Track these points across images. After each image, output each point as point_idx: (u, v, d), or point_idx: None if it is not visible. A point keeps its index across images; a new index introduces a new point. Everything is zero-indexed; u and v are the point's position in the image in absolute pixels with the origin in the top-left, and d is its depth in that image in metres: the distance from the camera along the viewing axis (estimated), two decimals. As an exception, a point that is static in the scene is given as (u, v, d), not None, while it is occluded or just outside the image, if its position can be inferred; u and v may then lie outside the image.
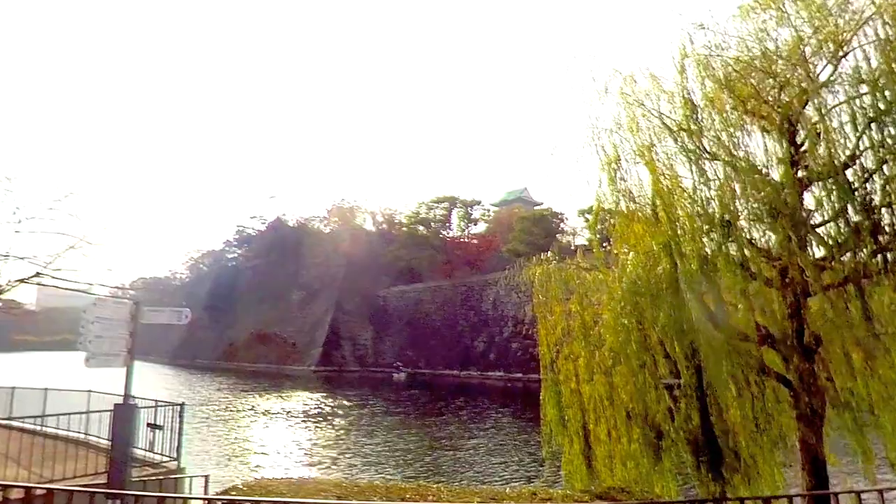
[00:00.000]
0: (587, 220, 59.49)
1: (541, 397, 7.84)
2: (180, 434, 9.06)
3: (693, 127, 6.39)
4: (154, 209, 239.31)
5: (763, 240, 5.62)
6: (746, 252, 5.50)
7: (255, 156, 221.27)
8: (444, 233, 76.07)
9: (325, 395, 41.70)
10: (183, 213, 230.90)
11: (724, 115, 6.23)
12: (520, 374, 51.21)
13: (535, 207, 75.30)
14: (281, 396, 40.42)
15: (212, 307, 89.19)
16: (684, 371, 6.05)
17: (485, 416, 30.67)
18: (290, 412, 31.90)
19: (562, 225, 67.03)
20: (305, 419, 29.52)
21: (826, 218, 5.52)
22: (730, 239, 5.71)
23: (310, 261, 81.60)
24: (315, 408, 34.21)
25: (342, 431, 25.63)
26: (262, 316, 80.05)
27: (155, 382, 47.33)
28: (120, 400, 7.01)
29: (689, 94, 6.40)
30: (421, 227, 73.94)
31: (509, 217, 70.45)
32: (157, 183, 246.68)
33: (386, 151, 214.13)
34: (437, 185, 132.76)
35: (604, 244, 8.42)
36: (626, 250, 7.04)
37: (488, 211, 79.13)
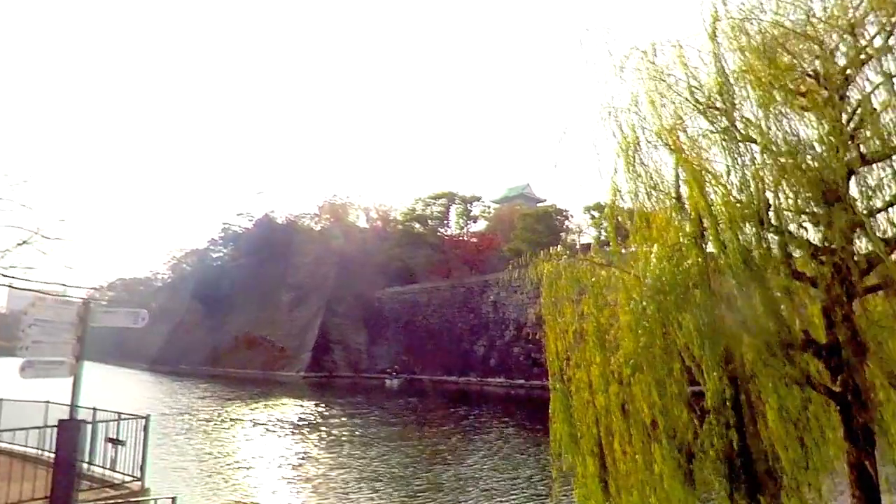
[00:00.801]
0: (593, 217, 59.14)
1: (550, 410, 7.34)
2: (145, 450, 8.55)
3: (726, 104, 5.91)
4: (135, 205, 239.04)
5: (814, 231, 5.13)
6: (793, 246, 5.01)
7: (242, 150, 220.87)
8: (442, 231, 75.66)
9: (315, 402, 41.23)
10: (166, 209, 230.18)
11: (762, 89, 5.73)
12: (522, 381, 50.86)
13: (538, 204, 74.93)
14: (268, 405, 39.90)
15: (195, 309, 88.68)
16: (716, 381, 5.56)
17: (488, 427, 30.21)
18: (277, 422, 31.40)
19: (566, 223, 66.66)
20: (294, 430, 29.00)
21: (882, 205, 5.03)
22: (770, 230, 5.22)
23: (299, 260, 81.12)
24: (304, 417, 33.70)
25: (333, 443, 25.11)
26: (249, 318, 79.54)
27: (132, 391, 46.89)
28: (77, 412, 6.50)
29: (721, 64, 5.90)
30: (417, 225, 73.48)
31: (511, 214, 70.10)
32: (138, 178, 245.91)
33: (380, 145, 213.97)
34: (434, 181, 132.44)
35: (617, 239, 7.95)
36: (646, 244, 6.58)
37: (488, 208, 78.73)
